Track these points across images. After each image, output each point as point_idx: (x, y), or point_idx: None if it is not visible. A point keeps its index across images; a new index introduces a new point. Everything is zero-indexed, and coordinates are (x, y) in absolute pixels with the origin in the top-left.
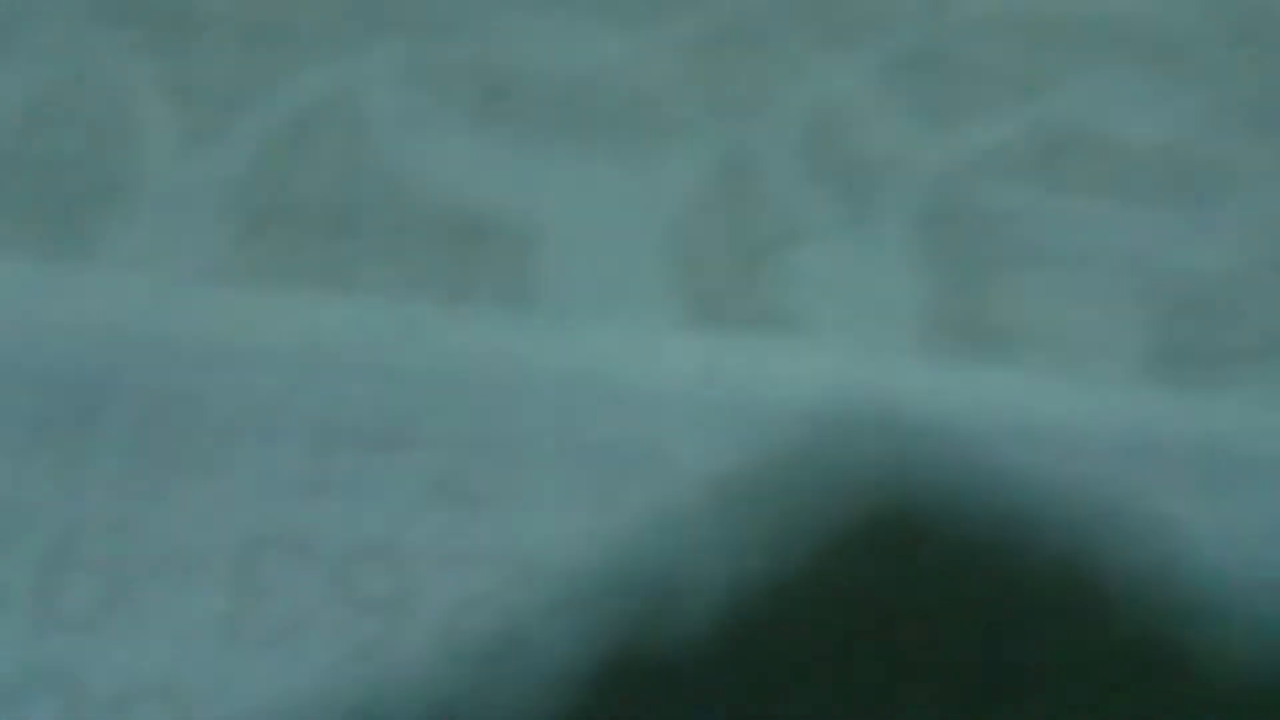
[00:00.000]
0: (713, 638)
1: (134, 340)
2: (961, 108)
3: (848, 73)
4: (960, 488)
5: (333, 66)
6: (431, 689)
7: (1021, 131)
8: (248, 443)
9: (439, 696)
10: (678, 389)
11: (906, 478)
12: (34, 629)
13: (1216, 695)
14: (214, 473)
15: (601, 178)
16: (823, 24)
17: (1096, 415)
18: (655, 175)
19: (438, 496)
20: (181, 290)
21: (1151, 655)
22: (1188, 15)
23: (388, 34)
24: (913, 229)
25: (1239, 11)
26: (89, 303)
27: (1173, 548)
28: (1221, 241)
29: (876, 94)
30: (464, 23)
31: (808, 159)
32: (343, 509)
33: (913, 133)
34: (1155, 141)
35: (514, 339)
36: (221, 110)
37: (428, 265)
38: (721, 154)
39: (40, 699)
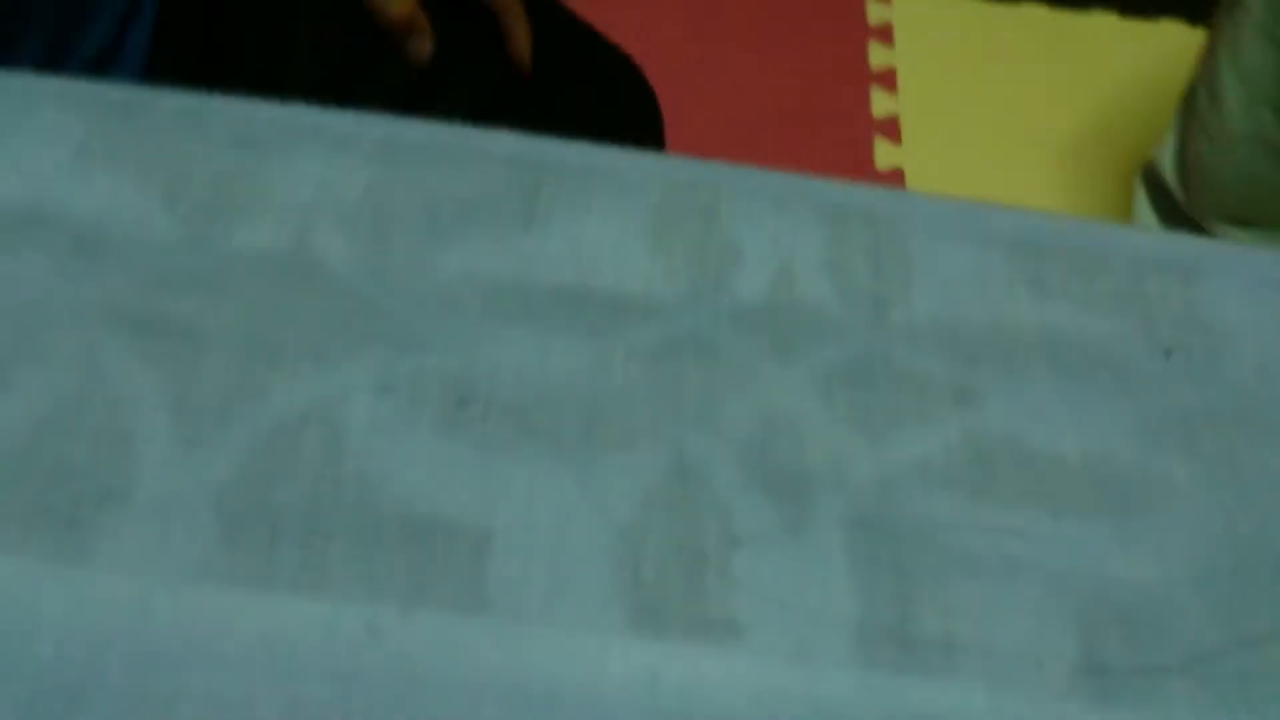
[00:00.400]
0: None
1: (118, 639)
2: (896, 417)
3: (792, 382)
4: None
5: (317, 378)
6: None
7: (953, 442)
8: None
9: None
10: (621, 697)
11: None
12: None
13: None
14: None
15: (557, 483)
16: (771, 334)
17: None
18: (606, 481)
19: None
20: (164, 592)
21: None
22: (1120, 329)
23: (367, 348)
24: (847, 537)
25: (1170, 325)
26: (80, 602)
27: None
28: (1147, 555)
29: (817, 403)
30: (437, 336)
31: (750, 467)
32: None
33: (849, 441)
34: (1083, 454)
35: (466, 643)
36: (213, 420)
37: (390, 567)
38: (670, 462)
39: None
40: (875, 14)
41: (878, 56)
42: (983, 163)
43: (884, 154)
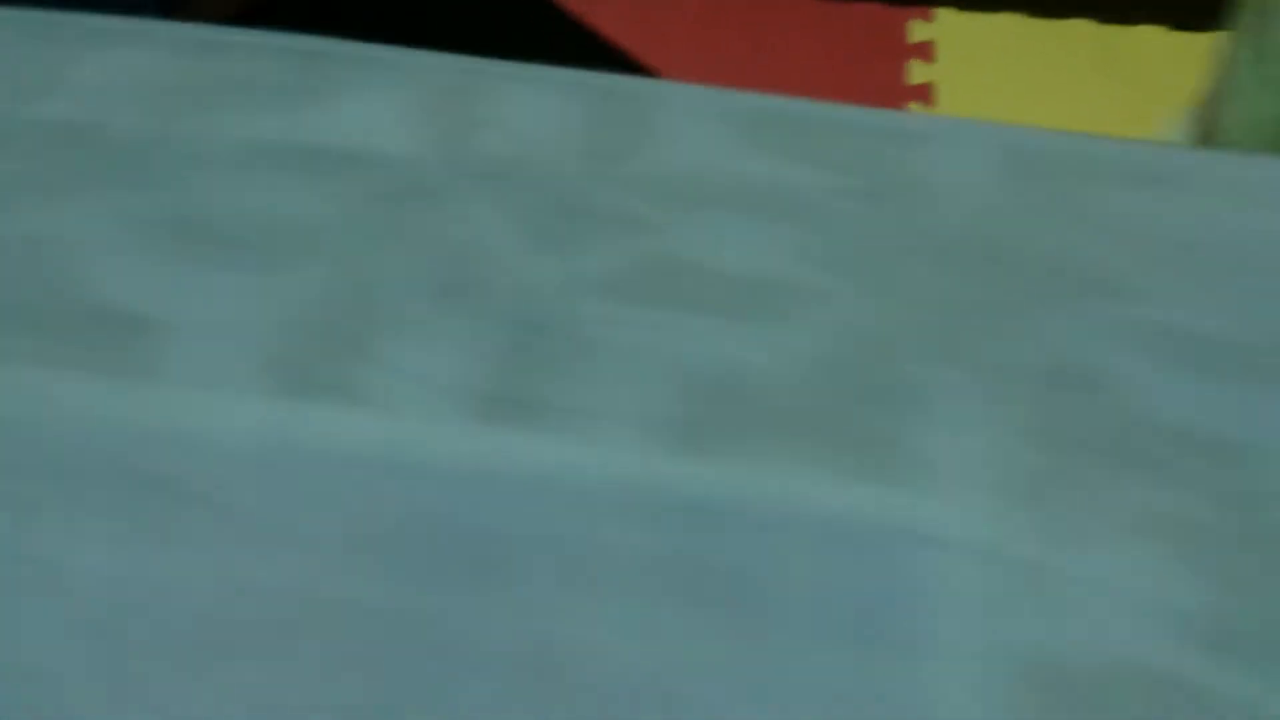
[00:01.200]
0: None
1: None
2: (582, 243)
3: (498, 217)
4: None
5: (67, 209)
6: None
7: (626, 260)
8: None
9: None
10: (252, 448)
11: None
12: None
13: None
14: None
15: (242, 287)
16: (496, 184)
17: (606, 472)
18: (290, 285)
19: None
20: None
21: None
22: (818, 179)
23: (121, 191)
24: (501, 331)
25: (883, 178)
26: None
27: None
28: (772, 345)
29: (515, 233)
30: (187, 182)
31: (433, 280)
32: None
33: (533, 261)
34: (746, 270)
35: (121, 403)
36: None
37: (73, 347)
38: (357, 273)
39: None
40: (918, 32)
41: (919, 74)
42: None
43: None
